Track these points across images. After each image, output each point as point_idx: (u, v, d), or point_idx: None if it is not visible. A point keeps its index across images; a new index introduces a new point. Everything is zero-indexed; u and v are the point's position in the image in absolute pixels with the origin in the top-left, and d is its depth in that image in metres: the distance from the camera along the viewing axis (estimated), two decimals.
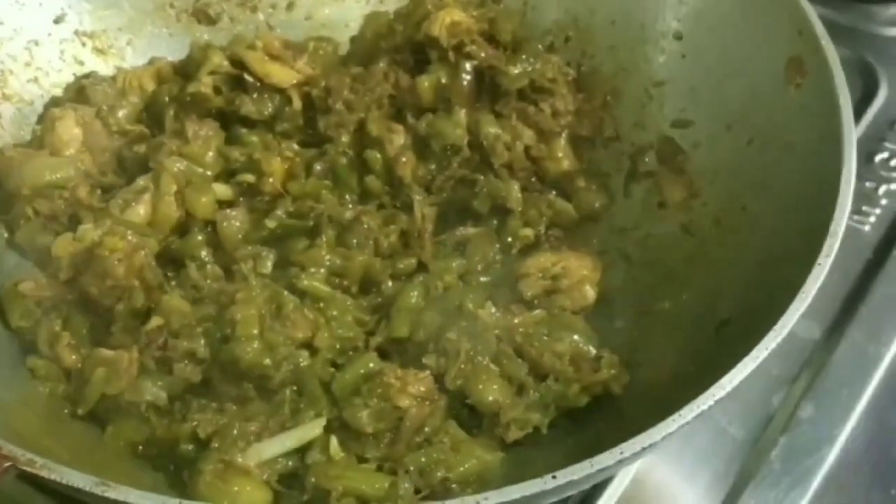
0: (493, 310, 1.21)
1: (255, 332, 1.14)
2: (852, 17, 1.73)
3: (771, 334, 0.98)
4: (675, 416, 0.93)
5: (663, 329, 1.25)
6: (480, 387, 1.16)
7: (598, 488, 1.24)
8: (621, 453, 0.91)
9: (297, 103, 1.39)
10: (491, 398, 1.15)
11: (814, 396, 1.33)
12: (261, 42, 1.41)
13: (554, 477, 0.90)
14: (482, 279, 1.30)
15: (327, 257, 1.26)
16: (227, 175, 1.34)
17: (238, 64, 1.39)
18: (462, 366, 1.16)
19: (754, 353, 0.97)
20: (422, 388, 1.13)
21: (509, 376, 1.17)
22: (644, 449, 0.92)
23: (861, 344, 1.38)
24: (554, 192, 1.39)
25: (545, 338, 1.19)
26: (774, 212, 1.20)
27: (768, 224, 1.21)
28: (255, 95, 1.38)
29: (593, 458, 0.91)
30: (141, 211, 1.26)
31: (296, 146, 1.37)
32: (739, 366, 0.96)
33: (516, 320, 1.20)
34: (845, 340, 1.38)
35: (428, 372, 1.16)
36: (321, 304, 1.22)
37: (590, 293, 1.28)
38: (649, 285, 1.31)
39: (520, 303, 1.26)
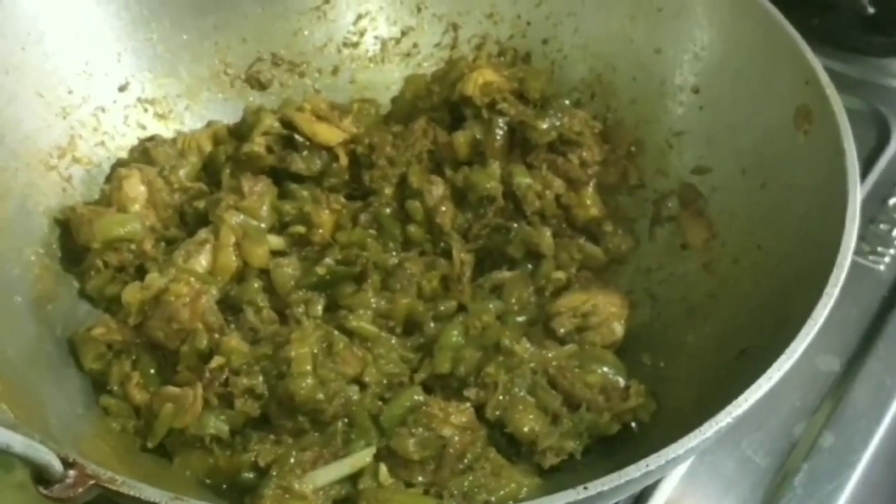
0: (528, 345, 1.27)
1: (309, 368, 1.22)
2: (866, 71, 1.79)
3: (783, 357, 1.05)
4: (696, 431, 1.00)
5: (687, 360, 1.31)
6: (518, 417, 1.22)
7: None
8: (647, 466, 0.99)
9: (344, 160, 1.47)
10: (528, 427, 1.22)
11: (834, 426, 1.37)
12: (309, 104, 1.49)
13: (585, 488, 0.97)
14: (518, 319, 1.36)
15: (373, 300, 1.33)
16: (279, 227, 1.42)
17: (288, 125, 1.47)
18: (500, 397, 1.23)
19: (768, 373, 1.04)
20: (463, 419, 1.19)
21: (544, 407, 1.23)
22: (668, 462, 1.00)
23: (879, 376, 1.42)
24: (583, 237, 1.45)
25: (577, 370, 1.26)
26: (787, 248, 1.26)
27: (781, 260, 1.26)
28: (304, 153, 1.46)
29: (621, 471, 0.98)
30: (203, 261, 1.35)
31: (343, 199, 1.44)
32: (754, 386, 1.03)
33: (550, 354, 1.27)
34: (864, 373, 1.42)
35: (469, 404, 1.22)
36: (369, 344, 1.29)
37: (618, 329, 1.34)
38: (674, 321, 1.37)
39: (553, 339, 1.33)
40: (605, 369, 1.27)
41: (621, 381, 1.27)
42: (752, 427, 1.37)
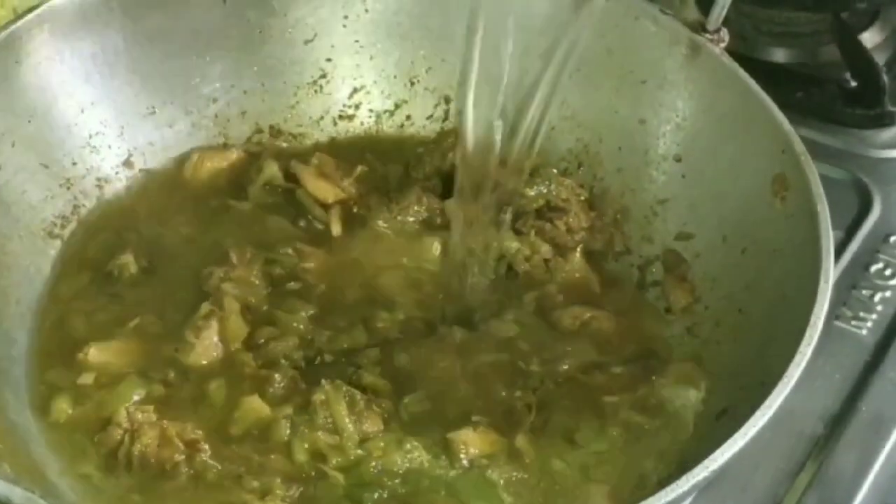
0: None
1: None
2: (848, 142, 1.81)
3: (758, 414, 1.08)
4: (674, 485, 1.04)
5: None
6: None
7: None
8: None
9: (337, 226, 1.51)
10: None
11: (818, 486, 1.38)
12: (317, 159, 1.56)
13: None
14: None
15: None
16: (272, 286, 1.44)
17: (291, 177, 1.54)
18: None
19: (743, 429, 1.07)
20: None
21: None
22: None
23: (861, 437, 1.43)
24: None
25: None
26: (765, 310, 1.29)
27: (761, 322, 1.30)
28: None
29: None
30: (213, 335, 1.35)
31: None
32: (730, 441, 1.06)
33: None
34: (846, 435, 1.43)
35: None
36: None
37: None
38: None
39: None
40: None
41: None
42: (737, 489, 1.39)
